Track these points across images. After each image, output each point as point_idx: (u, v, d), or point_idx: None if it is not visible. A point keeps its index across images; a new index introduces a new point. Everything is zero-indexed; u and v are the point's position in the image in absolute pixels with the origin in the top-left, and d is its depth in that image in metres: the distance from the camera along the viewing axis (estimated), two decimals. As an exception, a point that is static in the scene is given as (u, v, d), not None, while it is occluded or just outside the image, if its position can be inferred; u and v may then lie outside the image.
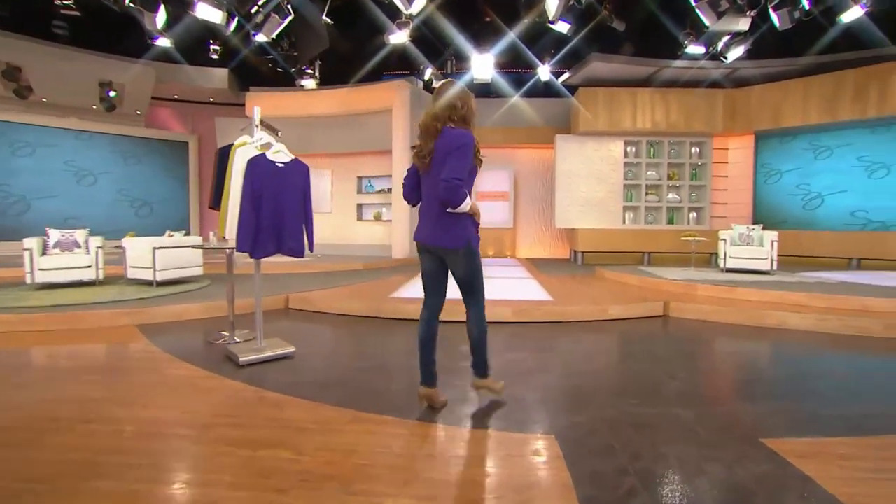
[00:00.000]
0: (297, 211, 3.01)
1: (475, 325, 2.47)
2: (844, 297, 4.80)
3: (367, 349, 3.70)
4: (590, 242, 9.44)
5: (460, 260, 2.27)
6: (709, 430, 2.21)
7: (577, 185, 9.78)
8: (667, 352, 3.62)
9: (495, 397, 2.59)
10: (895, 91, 8.17)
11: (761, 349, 3.87)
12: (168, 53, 8.22)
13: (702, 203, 9.80)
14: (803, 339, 4.09)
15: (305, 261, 8.74)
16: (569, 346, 3.83)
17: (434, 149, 2.17)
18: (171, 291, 5.23)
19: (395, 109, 9.43)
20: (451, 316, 4.58)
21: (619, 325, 4.56)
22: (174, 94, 10.15)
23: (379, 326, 4.48)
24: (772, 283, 5.63)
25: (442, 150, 2.15)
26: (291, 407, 2.46)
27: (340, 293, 5.52)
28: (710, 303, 4.97)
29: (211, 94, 10.21)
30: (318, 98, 9.93)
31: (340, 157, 10.71)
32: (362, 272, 7.89)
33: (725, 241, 6.60)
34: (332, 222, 10.90)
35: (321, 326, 4.52)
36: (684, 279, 5.93)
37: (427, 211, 2.28)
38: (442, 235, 2.22)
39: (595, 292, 5.67)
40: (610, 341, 4.07)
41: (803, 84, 8.87)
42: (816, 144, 9.50)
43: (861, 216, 9.15)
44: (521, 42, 9.56)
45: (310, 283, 6.26)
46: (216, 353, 3.37)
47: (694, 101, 9.40)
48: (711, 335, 4.22)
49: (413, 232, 2.72)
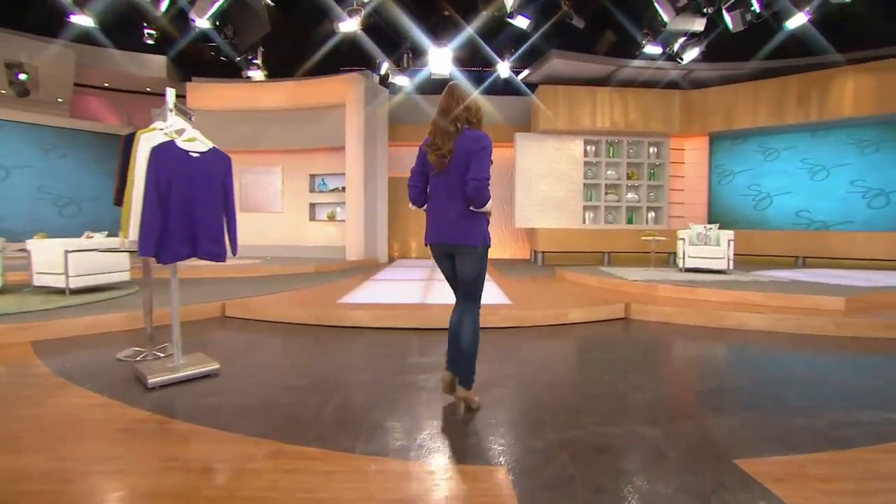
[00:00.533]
0: (214, 208, 2.59)
1: (470, 330, 2.36)
2: (798, 296, 4.80)
3: (305, 363, 3.30)
4: (550, 242, 9.33)
5: (474, 258, 2.29)
6: (678, 451, 1.98)
7: (536, 184, 9.65)
8: (629, 359, 3.42)
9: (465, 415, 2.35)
10: (834, 97, 8.49)
11: (724, 353, 3.74)
12: (91, 35, 7.43)
13: (660, 203, 9.88)
14: (763, 340, 4.01)
15: (252, 263, 8.17)
16: (527, 354, 3.57)
17: (454, 148, 2.19)
18: (86, 300, 4.63)
19: (348, 104, 8.98)
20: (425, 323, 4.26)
21: (579, 329, 4.36)
22: (104, 81, 9.25)
23: (323, 336, 4.08)
24: (729, 283, 5.61)
25: (462, 151, 2.18)
26: (200, 440, 2.06)
27: (283, 299, 5.07)
28: (671, 304, 4.86)
29: (148, 84, 9.39)
30: (266, 90, 9.35)
31: (291, 153, 10.14)
32: (313, 275, 7.42)
33: (684, 240, 6.59)
34: (283, 223, 10.30)
35: (258, 337, 4.07)
36: (645, 280, 5.84)
37: (443, 211, 2.27)
38: (461, 234, 2.24)
39: (555, 295, 5.47)
40: (570, 348, 3.85)
41: (754, 87, 9.08)
42: (765, 147, 9.77)
43: (805, 216, 9.48)
44: (480, 38, 9.34)
45: (255, 288, 5.76)
46: (125, 374, 2.89)
47: (652, 101, 9.46)
48: (673, 339, 4.08)
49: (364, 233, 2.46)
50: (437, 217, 2.30)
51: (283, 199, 10.30)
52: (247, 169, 10.21)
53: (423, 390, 2.73)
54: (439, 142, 2.22)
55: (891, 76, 8.04)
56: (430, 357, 3.40)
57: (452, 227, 2.25)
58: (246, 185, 10.25)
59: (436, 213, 2.31)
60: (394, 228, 10.83)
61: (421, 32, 8.88)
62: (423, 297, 5.29)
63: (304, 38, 9.04)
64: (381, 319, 4.36)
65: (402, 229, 11.07)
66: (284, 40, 9.01)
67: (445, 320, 4.38)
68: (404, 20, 8.69)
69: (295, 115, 9.64)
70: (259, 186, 10.25)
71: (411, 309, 4.56)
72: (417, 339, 3.98)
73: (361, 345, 3.80)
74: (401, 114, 10.56)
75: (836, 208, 9.18)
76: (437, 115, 2.24)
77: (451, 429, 2.20)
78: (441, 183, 2.26)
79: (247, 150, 10.05)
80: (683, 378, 3.06)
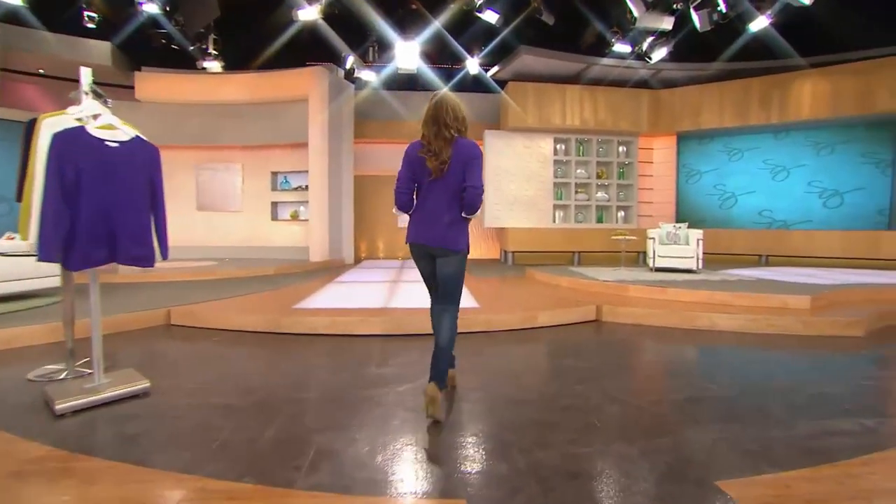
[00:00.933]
0: (139, 206, 2.25)
1: (448, 329, 2.40)
2: (766, 295, 4.78)
3: (252, 377, 2.99)
4: (520, 242, 9.19)
5: (457, 261, 2.36)
6: (658, 473, 1.79)
7: (506, 182, 9.50)
8: (602, 366, 3.25)
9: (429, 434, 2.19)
10: (794, 99, 8.68)
11: (697, 357, 3.63)
12: (18, 14, 6.78)
13: (629, 202, 9.90)
14: (734, 341, 3.93)
15: (207, 265, 7.69)
16: (495, 362, 3.35)
17: (451, 155, 2.25)
18: (6, 310, 4.14)
19: (311, 98, 8.59)
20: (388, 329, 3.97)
21: (550, 333, 4.18)
22: (38, 67, 8.48)
23: (276, 345, 3.76)
24: (699, 283, 5.57)
25: (459, 158, 2.26)
26: (107, 479, 1.74)
27: (234, 304, 4.69)
28: (642, 305, 4.75)
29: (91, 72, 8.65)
30: (224, 83, 8.85)
31: (252, 150, 9.66)
32: (273, 278, 7.02)
33: (654, 239, 6.54)
34: (244, 222, 9.81)
35: (204, 347, 3.72)
36: (615, 280, 5.73)
37: (437, 215, 2.32)
38: (451, 238, 2.32)
39: (525, 296, 5.29)
40: (540, 354, 3.66)
41: (719, 88, 9.20)
42: (730, 147, 9.93)
43: (767, 215, 9.68)
44: (448, 33, 9.12)
45: (208, 292, 5.36)
46: (33, 399, 2.51)
47: (621, 99, 9.45)
48: (646, 342, 3.95)
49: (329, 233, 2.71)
50: (430, 219, 2.33)
51: (242, 197, 9.80)
52: (203, 165, 9.67)
53: (381, 406, 2.47)
54: (437, 148, 2.25)
55: (845, 80, 8.26)
56: (391, 367, 3.15)
57: (444, 231, 2.30)
58: (203, 183, 9.70)
59: (428, 216, 2.34)
60: (361, 228, 10.49)
61: (387, 25, 8.57)
62: (387, 300, 5.02)
63: (263, 29, 8.59)
64: (339, 325, 4.07)
65: (370, 229, 10.74)
66: (242, 30, 8.56)
67: (410, 325, 4.15)
68: (369, 12, 8.37)
69: (255, 109, 9.18)
70: (217, 184, 9.73)
71: (373, 313, 4.29)
72: (379, 346, 3.71)
73: (317, 355, 3.50)
74: (368, 110, 10.22)
75: (795, 208, 9.41)
76: (429, 123, 2.28)
77: (407, 454, 1.95)
78: (438, 188, 2.30)
79: (203, 146, 9.52)
80: (658, 386, 2.90)
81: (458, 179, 2.28)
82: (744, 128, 9.32)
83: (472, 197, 2.25)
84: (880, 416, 2.38)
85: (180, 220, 9.65)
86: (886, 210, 8.79)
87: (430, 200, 2.33)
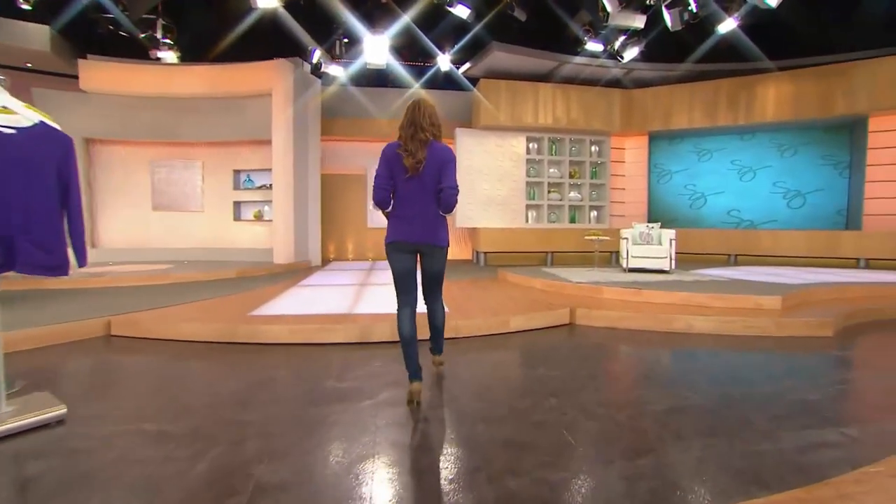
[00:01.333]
0: (44, 205, 1.92)
1: (441, 313, 2.82)
2: (740, 296, 4.72)
3: (193, 397, 2.67)
4: (492, 243, 9.03)
5: (442, 255, 2.58)
6: (642, 502, 1.60)
7: (479, 182, 9.32)
8: (577, 374, 3.07)
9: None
10: (759, 101, 8.81)
11: (675, 362, 3.50)
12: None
13: (602, 202, 9.87)
14: (711, 343, 3.84)
15: (163, 269, 7.21)
16: (463, 372, 3.13)
17: (426, 156, 2.40)
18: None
19: (275, 93, 8.19)
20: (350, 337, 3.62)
21: (522, 338, 3.99)
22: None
23: (226, 357, 3.44)
24: (674, 284, 5.50)
25: (434, 159, 2.41)
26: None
27: (184, 312, 4.32)
28: (617, 307, 4.62)
29: (28, 58, 8.00)
30: (181, 75, 8.34)
31: (213, 146, 9.17)
32: (234, 282, 6.63)
33: (627, 240, 6.46)
34: (205, 223, 9.31)
35: (144, 361, 3.36)
36: (589, 282, 5.60)
37: (421, 212, 2.45)
38: (436, 234, 2.49)
39: (496, 299, 5.09)
40: (512, 363, 3.46)
41: (690, 89, 9.25)
42: (700, 147, 10.03)
43: (735, 215, 9.82)
44: (419, 28, 8.87)
45: (160, 298, 4.96)
46: (-76, 427, 2.13)
47: (593, 98, 9.41)
48: (622, 346, 3.81)
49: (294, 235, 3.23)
50: (416, 218, 2.46)
51: (203, 196, 9.30)
52: (160, 162, 9.12)
53: (336, 427, 2.22)
54: (413, 149, 2.39)
55: (807, 83, 8.43)
56: (351, 381, 2.88)
57: (430, 227, 2.47)
58: (159, 181, 9.15)
59: (412, 214, 2.46)
60: (329, 229, 10.12)
61: (355, 19, 8.25)
62: (352, 305, 4.74)
63: (222, 18, 8.14)
64: (299, 334, 3.77)
65: (339, 230, 10.37)
66: (199, 18, 8.09)
67: (375, 332, 3.88)
68: (336, 4, 8.04)
69: (216, 103, 8.70)
70: (175, 183, 9.19)
71: (337, 320, 4.01)
72: (340, 356, 3.44)
73: (271, 367, 3.20)
74: (336, 107, 9.86)
75: (761, 208, 9.58)
76: (406, 125, 2.44)
77: (360, 489, 1.70)
78: (415, 187, 2.43)
79: (160, 142, 8.98)
80: (636, 396, 2.74)
81: (434, 180, 2.43)
82: (713, 128, 9.42)
83: (448, 196, 2.42)
84: (860, 424, 2.28)
85: (134, 221, 9.09)
86: (844, 210, 9.03)
87: (412, 198, 2.45)
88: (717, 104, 9.07)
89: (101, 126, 8.51)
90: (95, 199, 8.89)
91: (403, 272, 2.52)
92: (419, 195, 2.44)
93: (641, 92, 9.53)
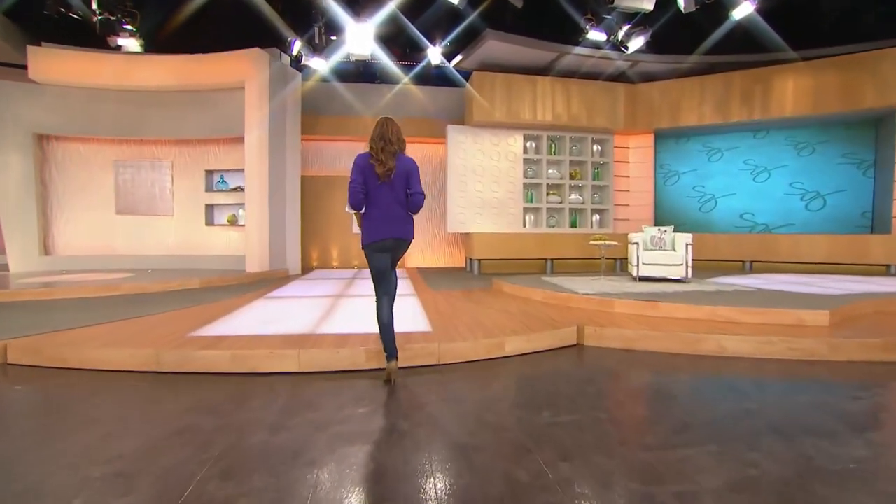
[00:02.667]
0: None
1: (395, 279, 2.98)
2: (777, 310, 3.99)
3: (83, 449, 1.90)
4: (487, 249, 8.29)
5: (407, 246, 2.96)
6: None
7: (472, 183, 8.61)
8: (590, 420, 2.32)
9: None
10: (777, 95, 8.14)
11: (718, 401, 2.75)
12: None
13: (605, 205, 9.17)
14: (752, 371, 3.10)
15: (116, 279, 6.44)
16: (443, 418, 2.38)
17: (395, 166, 2.78)
18: None
19: (248, 86, 7.48)
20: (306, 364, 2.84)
21: (520, 365, 3.25)
22: None
23: (143, 393, 2.69)
24: (694, 296, 4.75)
25: (401, 169, 2.81)
26: None
27: (105, 333, 3.55)
28: (633, 324, 3.88)
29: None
30: (145, 65, 7.62)
31: (183, 144, 8.45)
32: (195, 293, 5.86)
33: (637, 244, 5.72)
34: (174, 228, 8.56)
35: (38, 398, 2.60)
36: (597, 293, 4.86)
37: (395, 213, 2.83)
38: (407, 230, 2.89)
39: (490, 315, 4.34)
40: (507, 403, 2.71)
41: (700, 83, 8.59)
42: (710, 146, 9.36)
43: (748, 218, 9.13)
44: (407, 19, 8.19)
45: (100, 314, 4.21)
46: None
47: (596, 93, 8.73)
48: (645, 377, 3.07)
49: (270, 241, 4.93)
50: (389, 218, 2.81)
51: (173, 199, 8.55)
52: (124, 162, 8.38)
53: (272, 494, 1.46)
54: (384, 158, 2.75)
55: (830, 75, 7.76)
56: (290, 432, 2.13)
57: (403, 225, 2.85)
58: (124, 183, 8.41)
59: (387, 216, 2.80)
60: (311, 235, 9.36)
61: (338, 6, 7.55)
62: (319, 322, 3.99)
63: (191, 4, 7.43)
64: (241, 361, 3.02)
65: (322, 235, 9.61)
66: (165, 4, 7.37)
67: (336, 359, 3.12)
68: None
69: (186, 97, 7.99)
70: (141, 184, 8.45)
71: (293, 343, 3.26)
72: (288, 391, 2.69)
73: (192, 410, 2.44)
74: (319, 104, 9.15)
75: (777, 210, 8.89)
76: (377, 139, 2.76)
77: None
78: (386, 192, 2.78)
79: (123, 139, 8.25)
80: (680, 461, 1.97)
81: (403, 186, 2.82)
82: (724, 126, 8.75)
83: (417, 200, 2.85)
84: None
85: (96, 225, 8.34)
86: (869, 213, 8.34)
87: (385, 202, 2.79)
88: (729, 99, 8.40)
89: (55, 121, 7.78)
90: (50, 200, 8.14)
91: (384, 269, 2.87)
92: (390, 199, 2.80)
93: (647, 86, 8.86)
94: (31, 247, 7.90)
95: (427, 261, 9.87)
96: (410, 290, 5.95)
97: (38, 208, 7.95)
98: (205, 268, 8.15)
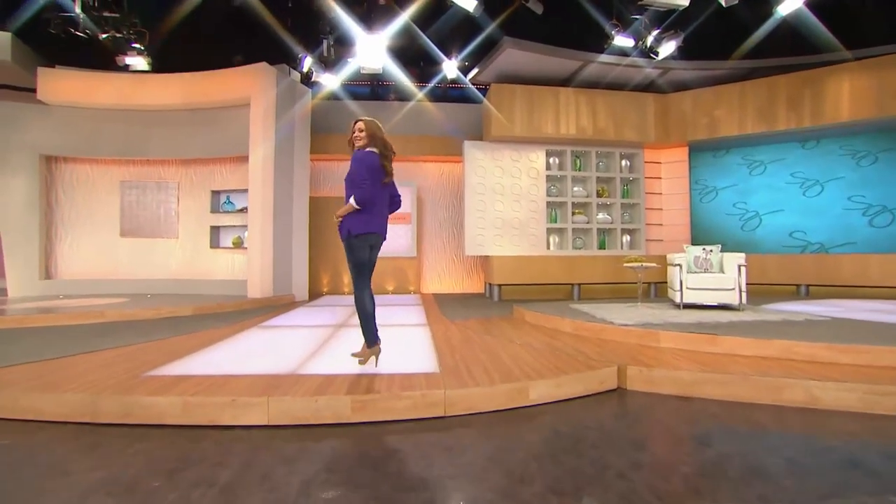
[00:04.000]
0: None
1: None
2: (879, 347, 3.14)
3: None
4: (508, 273, 7.58)
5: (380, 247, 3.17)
6: None
7: (491, 202, 7.99)
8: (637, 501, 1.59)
9: None
10: (831, 99, 7.32)
11: (825, 480, 1.97)
12: None
13: (636, 224, 8.39)
14: (864, 432, 2.31)
15: (101, 306, 5.99)
16: (447, 495, 1.68)
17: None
18: None
19: (254, 102, 7.14)
20: (276, 416, 2.23)
21: (548, 416, 2.53)
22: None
23: (78, 449, 2.08)
24: (758, 327, 3.94)
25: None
26: None
27: (40, 372, 2.98)
28: (687, 363, 3.12)
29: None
30: (153, 84, 7.40)
31: (189, 164, 8.15)
32: (184, 321, 5.34)
33: (680, 267, 4.94)
34: (179, 251, 8.18)
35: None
36: (638, 324, 4.10)
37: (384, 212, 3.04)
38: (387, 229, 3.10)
39: (510, 351, 3.63)
40: (531, 480, 1.98)
41: (739, 89, 7.86)
42: (750, 159, 8.55)
43: (800, 237, 8.19)
44: (422, 32, 7.82)
45: (72, 345, 3.69)
46: None
47: (623, 104, 8.09)
48: (717, 440, 2.31)
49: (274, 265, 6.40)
50: (383, 215, 3.04)
51: (178, 221, 8.21)
52: (130, 183, 8.11)
53: None
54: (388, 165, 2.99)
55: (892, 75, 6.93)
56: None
57: (386, 224, 3.08)
58: (130, 204, 8.11)
59: (382, 213, 3.02)
60: (322, 259, 8.84)
61: (350, 19, 7.22)
62: (307, 357, 3.36)
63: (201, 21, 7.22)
64: (194, 410, 2.41)
65: (333, 260, 9.04)
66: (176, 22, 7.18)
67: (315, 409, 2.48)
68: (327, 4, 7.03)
69: (192, 116, 7.72)
70: (147, 205, 8.14)
71: (265, 386, 2.63)
72: (245, 452, 2.05)
73: (108, 484, 1.81)
74: (330, 122, 8.77)
75: (833, 228, 7.93)
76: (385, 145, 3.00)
77: None
78: (384, 193, 3.01)
79: (130, 160, 8.00)
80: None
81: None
82: (767, 136, 7.95)
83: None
84: None
85: (99, 248, 8.02)
86: (946, 229, 7.34)
87: (381, 201, 3.00)
88: (773, 106, 7.63)
89: (62, 142, 7.58)
90: (54, 223, 7.87)
91: (371, 261, 2.99)
92: (385, 199, 3.03)
93: (680, 95, 8.18)
94: (32, 271, 7.60)
95: (444, 286, 9.22)
96: (421, 320, 5.29)
97: (42, 231, 7.70)
98: (207, 293, 7.69)
